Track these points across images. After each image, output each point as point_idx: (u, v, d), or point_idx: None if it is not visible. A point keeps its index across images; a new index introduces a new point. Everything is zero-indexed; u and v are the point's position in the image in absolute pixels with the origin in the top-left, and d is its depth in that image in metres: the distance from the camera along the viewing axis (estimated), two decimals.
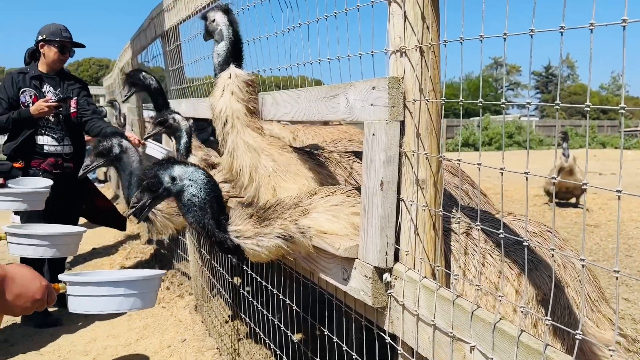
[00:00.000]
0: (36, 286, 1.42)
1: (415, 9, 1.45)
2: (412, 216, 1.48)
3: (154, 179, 1.74)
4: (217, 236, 1.73)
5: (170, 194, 1.76)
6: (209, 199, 1.73)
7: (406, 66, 1.48)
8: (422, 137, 1.47)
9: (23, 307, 1.42)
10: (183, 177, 1.74)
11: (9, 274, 1.38)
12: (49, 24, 4.41)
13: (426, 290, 1.37)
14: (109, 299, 1.75)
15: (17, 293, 1.38)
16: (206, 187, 1.74)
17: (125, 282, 1.81)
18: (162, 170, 1.75)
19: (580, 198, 8.84)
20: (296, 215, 1.74)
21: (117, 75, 8.65)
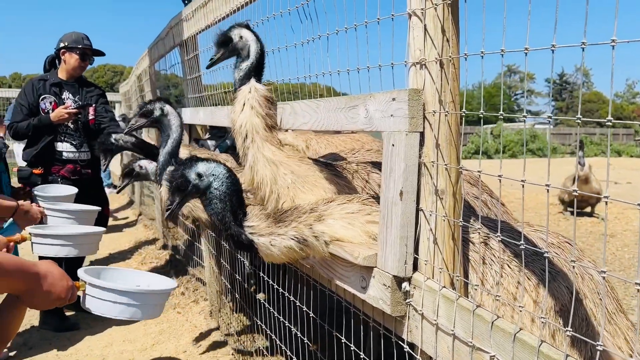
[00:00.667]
0: (63, 286, 1.49)
1: (435, 22, 1.48)
2: (431, 226, 1.50)
3: (181, 179, 1.81)
4: (232, 229, 1.79)
5: (198, 191, 1.83)
6: (229, 192, 1.81)
7: (426, 78, 1.51)
8: (441, 148, 1.49)
9: (49, 303, 1.49)
10: (207, 173, 1.82)
11: (41, 271, 1.45)
12: (70, 32, 4.50)
13: (446, 300, 1.38)
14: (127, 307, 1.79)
15: (46, 290, 1.45)
16: (227, 181, 1.82)
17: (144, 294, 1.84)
18: (187, 169, 1.82)
19: (595, 207, 8.76)
20: (311, 220, 1.78)
21: (134, 82, 8.76)
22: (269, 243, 1.78)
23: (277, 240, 1.78)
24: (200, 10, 3.31)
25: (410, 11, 1.52)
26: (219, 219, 1.80)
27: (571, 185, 8.85)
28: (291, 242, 1.76)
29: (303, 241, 1.75)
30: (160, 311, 1.96)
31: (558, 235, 1.85)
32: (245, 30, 2.25)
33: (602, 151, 28.46)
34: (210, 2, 3.09)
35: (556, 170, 12.92)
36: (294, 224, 1.78)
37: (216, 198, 1.80)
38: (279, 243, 1.77)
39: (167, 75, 6.47)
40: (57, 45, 4.46)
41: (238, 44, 2.26)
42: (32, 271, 1.41)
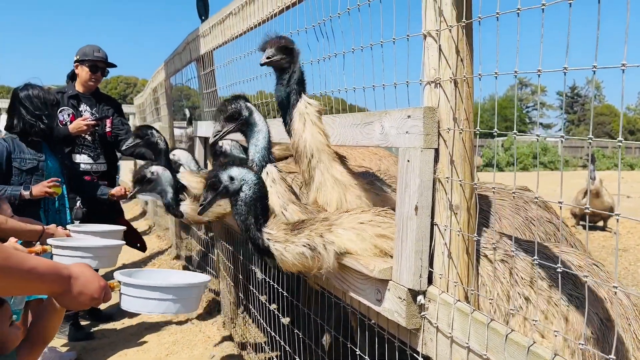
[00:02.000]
0: (95, 286, 1.54)
1: (449, 43, 1.53)
2: (446, 240, 1.53)
3: (214, 178, 1.97)
4: (252, 232, 1.92)
5: (228, 192, 1.97)
6: (255, 198, 1.94)
7: (440, 96, 1.55)
8: (455, 164, 1.53)
9: (83, 303, 1.54)
10: (239, 178, 1.95)
11: (73, 273, 1.51)
12: (84, 45, 4.61)
13: (460, 313, 1.42)
14: (159, 302, 1.86)
15: (79, 291, 1.51)
16: (255, 187, 1.94)
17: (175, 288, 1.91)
18: (222, 171, 1.98)
19: (607, 221, 8.71)
20: (322, 229, 1.85)
21: (149, 94, 8.90)
22: (283, 249, 1.87)
23: (291, 247, 1.86)
24: (217, 27, 3.40)
25: (426, 32, 1.57)
26: (241, 221, 1.94)
27: (582, 198, 8.82)
28: (303, 249, 1.84)
29: (314, 249, 1.83)
30: (197, 304, 2.03)
31: (585, 256, 1.82)
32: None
33: (614, 164, 28.24)
34: (227, 20, 3.17)
35: (568, 183, 12.87)
36: (306, 231, 1.87)
37: (242, 201, 1.93)
38: (292, 250, 1.86)
39: (181, 87, 6.58)
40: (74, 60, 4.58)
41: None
42: (65, 273, 1.47)
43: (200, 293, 2.02)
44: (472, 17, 1.50)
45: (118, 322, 4.49)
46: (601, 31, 1.07)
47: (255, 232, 1.92)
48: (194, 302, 1.98)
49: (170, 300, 1.85)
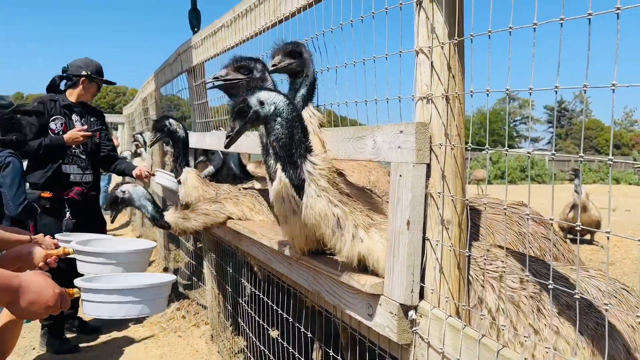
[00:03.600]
0: (49, 294, 1.50)
1: (441, 59, 1.55)
2: (437, 255, 1.54)
3: (243, 104, 1.77)
4: (295, 159, 1.74)
5: (259, 117, 1.78)
6: (291, 118, 1.76)
7: (432, 112, 1.57)
8: (447, 180, 1.54)
9: (37, 312, 1.50)
10: (269, 101, 1.77)
11: (23, 283, 1.46)
12: (89, 59, 4.58)
13: (452, 329, 1.42)
14: (119, 305, 1.81)
15: (31, 300, 1.46)
16: (288, 107, 1.77)
17: (134, 289, 1.86)
18: (250, 95, 1.79)
19: (594, 234, 8.80)
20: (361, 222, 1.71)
21: (139, 105, 8.87)
22: (315, 195, 1.70)
23: (323, 202, 1.69)
24: (209, 38, 3.41)
25: (418, 48, 1.59)
26: (282, 145, 1.74)
27: (569, 212, 8.91)
28: (330, 216, 1.68)
29: (341, 227, 1.69)
30: (162, 306, 1.96)
31: (614, 281, 1.78)
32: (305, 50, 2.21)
33: (600, 178, 28.59)
34: (219, 32, 3.18)
35: (555, 197, 12.99)
36: (348, 208, 1.71)
37: (279, 124, 1.75)
38: (322, 205, 1.69)
39: (170, 97, 6.57)
40: (76, 71, 4.46)
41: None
42: (15, 283, 1.43)
43: (164, 294, 1.95)
44: (464, 34, 1.52)
45: (105, 334, 4.42)
46: (590, 46, 1.09)
47: (299, 158, 1.73)
48: (158, 304, 1.91)
49: (130, 303, 1.80)
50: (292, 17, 2.32)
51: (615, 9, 0.98)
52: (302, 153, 1.75)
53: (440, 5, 1.51)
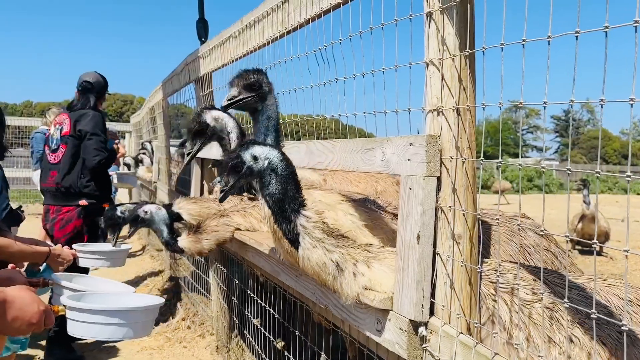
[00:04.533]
0: (33, 310, 1.46)
1: (452, 72, 1.53)
2: (448, 270, 1.51)
3: (237, 159, 1.78)
4: (288, 213, 1.73)
5: (252, 173, 1.78)
6: (285, 174, 1.76)
7: (443, 125, 1.55)
8: (458, 193, 1.51)
9: (19, 329, 1.46)
10: (263, 156, 1.77)
11: (8, 297, 1.43)
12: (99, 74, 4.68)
13: (463, 347, 1.38)
14: (103, 327, 1.76)
15: (14, 316, 1.42)
16: (282, 163, 1.77)
17: (121, 311, 1.80)
18: (243, 150, 1.79)
19: (604, 246, 8.71)
20: (360, 257, 1.71)
21: (146, 114, 8.91)
22: (311, 247, 1.71)
23: (319, 251, 1.70)
24: (217, 49, 3.41)
25: (428, 60, 1.57)
26: (275, 201, 1.74)
27: (578, 223, 8.83)
28: (328, 262, 1.69)
29: (341, 270, 1.69)
30: (147, 330, 1.88)
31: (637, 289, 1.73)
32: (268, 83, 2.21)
33: (608, 188, 28.38)
34: (227, 42, 3.18)
35: (563, 207, 12.88)
36: (343, 250, 1.71)
37: (274, 179, 1.75)
38: (319, 255, 1.70)
39: (177, 106, 6.59)
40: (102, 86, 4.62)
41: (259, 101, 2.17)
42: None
43: (150, 318, 1.88)
44: (475, 46, 1.50)
45: (110, 344, 4.40)
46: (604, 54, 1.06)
47: (292, 213, 1.73)
48: (143, 328, 1.85)
49: (115, 325, 1.74)
50: (301, 28, 2.31)
51: (634, 22, 0.96)
52: (296, 208, 1.74)
53: (451, 16, 1.50)
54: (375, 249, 1.77)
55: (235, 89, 2.03)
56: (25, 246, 2.46)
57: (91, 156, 4.25)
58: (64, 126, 4.36)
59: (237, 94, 2.02)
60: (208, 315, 4.58)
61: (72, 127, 4.31)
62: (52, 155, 4.39)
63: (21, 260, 2.48)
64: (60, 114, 4.61)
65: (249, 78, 2.03)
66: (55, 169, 4.32)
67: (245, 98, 2.02)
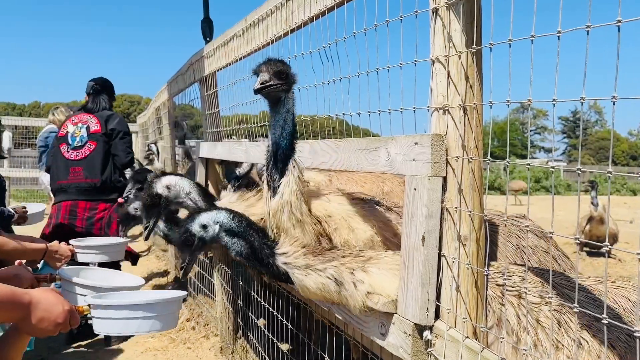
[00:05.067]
0: (59, 310, 1.47)
1: (459, 69, 1.49)
2: (454, 273, 1.47)
3: (186, 234, 1.76)
4: (265, 261, 1.71)
5: (205, 242, 1.77)
6: (243, 228, 1.76)
7: (449, 123, 1.51)
8: (464, 194, 1.48)
9: (46, 330, 1.47)
10: (212, 222, 1.76)
11: (33, 299, 1.44)
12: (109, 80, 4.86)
13: (469, 352, 1.35)
14: (128, 321, 1.76)
15: (40, 317, 1.44)
16: (235, 220, 1.76)
17: (144, 305, 1.80)
18: (190, 223, 1.78)
19: (612, 248, 8.60)
20: (355, 265, 1.67)
21: (152, 114, 8.91)
22: (304, 277, 1.68)
23: (313, 276, 1.67)
24: (221, 48, 3.38)
25: (434, 57, 1.54)
26: (246, 256, 1.74)
27: (586, 224, 8.74)
28: (327, 281, 1.66)
29: (340, 284, 1.65)
30: (174, 322, 1.89)
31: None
32: None
33: (616, 189, 28.15)
34: (231, 41, 3.15)
35: (571, 208, 12.77)
36: (335, 262, 1.68)
37: (232, 239, 1.75)
38: (315, 279, 1.67)
39: (183, 106, 6.58)
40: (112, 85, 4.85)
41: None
42: (25, 299, 1.41)
43: (175, 309, 1.89)
44: (482, 43, 1.46)
45: (114, 345, 4.38)
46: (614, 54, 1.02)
47: (268, 259, 1.71)
48: (169, 320, 1.84)
49: (141, 319, 1.74)
50: (305, 26, 2.28)
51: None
52: (269, 253, 1.72)
53: (457, 12, 1.46)
54: (368, 253, 1.74)
55: (267, 74, 2.00)
56: (22, 243, 2.44)
57: (125, 154, 4.53)
58: (91, 125, 4.49)
59: (269, 79, 1.99)
60: (212, 316, 4.55)
61: (104, 126, 4.49)
62: (73, 152, 4.45)
63: (18, 258, 2.47)
64: (80, 114, 4.66)
65: (279, 65, 2.01)
66: (79, 165, 4.41)
67: (275, 85, 1.98)
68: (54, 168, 4.57)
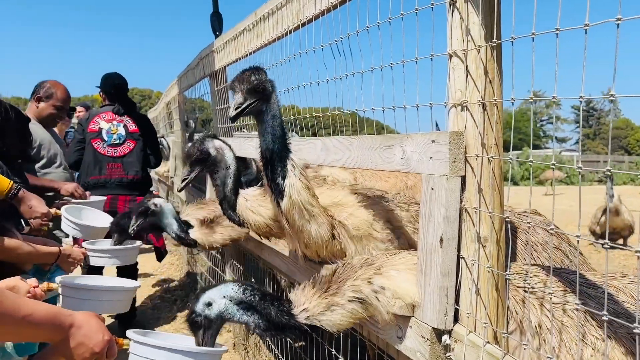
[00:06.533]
0: (98, 339, 1.43)
1: (477, 64, 1.43)
2: (474, 275, 1.42)
3: (193, 315, 1.68)
4: (288, 325, 1.62)
5: (212, 321, 1.67)
6: (257, 298, 1.65)
7: (467, 120, 1.45)
8: (484, 193, 1.42)
9: (82, 356, 1.43)
10: (218, 297, 1.67)
11: (76, 322, 1.41)
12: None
13: (490, 357, 1.30)
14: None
15: (79, 342, 1.41)
16: (245, 292, 1.66)
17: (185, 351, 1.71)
18: (195, 303, 1.69)
19: (627, 239, 8.48)
20: (369, 274, 1.60)
21: (163, 108, 8.91)
22: (331, 319, 1.59)
23: (338, 311, 1.58)
24: (231, 43, 3.33)
25: (451, 52, 1.48)
26: (264, 329, 1.64)
27: (601, 216, 8.61)
28: (352, 306, 1.57)
29: (364, 301, 1.57)
30: None
31: None
32: None
33: (631, 179, 27.78)
34: (241, 36, 3.10)
35: (585, 199, 12.57)
36: (349, 282, 1.59)
37: (246, 316, 1.65)
38: (340, 313, 1.58)
39: (194, 100, 6.55)
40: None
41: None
42: (67, 322, 1.38)
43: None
44: (501, 36, 1.40)
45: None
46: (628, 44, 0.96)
47: (293, 323, 1.61)
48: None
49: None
50: (316, 19, 2.22)
51: None
52: (288, 318, 1.62)
53: (475, 5, 1.40)
54: (378, 259, 1.67)
55: (240, 95, 1.90)
56: (35, 247, 2.42)
57: (157, 154, 4.86)
58: (128, 125, 4.63)
59: (244, 101, 1.89)
60: None
61: (140, 127, 4.67)
62: (110, 149, 4.55)
63: (31, 261, 2.45)
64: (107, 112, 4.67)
65: (252, 81, 1.88)
66: (119, 162, 4.56)
67: (251, 104, 1.89)
68: (86, 164, 4.57)
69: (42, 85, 3.92)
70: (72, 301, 2.21)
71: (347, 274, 1.63)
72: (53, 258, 2.51)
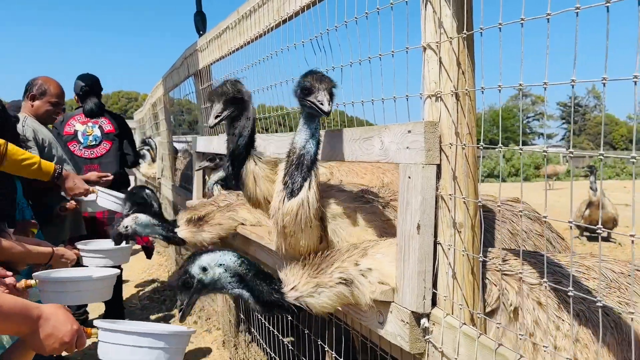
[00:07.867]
0: (67, 329, 1.46)
1: (450, 55, 1.48)
2: (450, 260, 1.47)
3: (185, 275, 1.69)
4: (279, 303, 1.65)
5: (205, 285, 1.69)
6: (251, 274, 1.68)
7: (442, 110, 1.50)
8: (459, 181, 1.47)
9: (52, 347, 1.46)
10: (213, 264, 1.69)
11: (44, 314, 1.44)
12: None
13: (466, 338, 1.35)
14: (134, 349, 1.71)
15: (48, 333, 1.43)
16: (242, 266, 1.69)
17: (152, 334, 1.76)
18: (190, 264, 1.70)
19: (611, 232, 8.62)
20: (356, 256, 1.64)
21: (149, 110, 8.88)
22: (317, 299, 1.63)
23: (325, 292, 1.62)
24: (214, 41, 3.36)
25: (425, 44, 1.52)
26: (255, 302, 1.67)
27: (585, 209, 8.74)
28: (339, 288, 1.61)
29: (351, 282, 1.60)
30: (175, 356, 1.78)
31: (626, 263, 1.68)
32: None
33: (616, 174, 28.16)
34: (224, 34, 3.13)
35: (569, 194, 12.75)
36: (337, 263, 1.63)
37: (239, 284, 1.67)
38: (327, 294, 1.62)
39: (181, 101, 6.56)
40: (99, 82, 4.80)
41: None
42: (35, 313, 1.40)
43: (182, 345, 1.81)
44: (473, 28, 1.45)
45: None
46: (610, 36, 1.01)
47: (282, 301, 1.64)
48: (175, 353, 1.75)
49: (147, 348, 1.66)
50: (296, 16, 2.26)
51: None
52: (278, 296, 1.66)
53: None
54: (365, 244, 1.72)
55: (219, 104, 2.02)
56: (27, 246, 2.42)
57: (134, 153, 4.90)
58: (104, 125, 4.63)
59: (222, 110, 2.01)
60: (214, 310, 4.57)
61: (116, 128, 4.66)
62: (86, 151, 4.55)
63: (24, 262, 2.45)
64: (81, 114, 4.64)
65: (229, 92, 2.01)
66: (97, 163, 4.56)
67: (231, 113, 2.03)
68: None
69: (33, 82, 3.86)
70: (52, 295, 2.24)
71: (336, 257, 1.67)
72: (46, 258, 2.51)
